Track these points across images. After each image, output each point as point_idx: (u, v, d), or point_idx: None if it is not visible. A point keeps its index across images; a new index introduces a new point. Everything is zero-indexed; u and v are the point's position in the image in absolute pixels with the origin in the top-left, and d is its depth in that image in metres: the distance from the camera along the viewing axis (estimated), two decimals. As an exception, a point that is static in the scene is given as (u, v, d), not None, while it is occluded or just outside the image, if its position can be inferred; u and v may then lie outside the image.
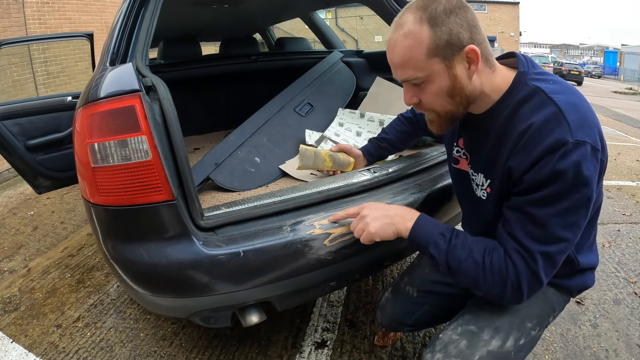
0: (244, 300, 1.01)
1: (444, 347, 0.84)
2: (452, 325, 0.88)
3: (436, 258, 0.81)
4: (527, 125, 0.70)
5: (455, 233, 0.81)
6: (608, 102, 12.58)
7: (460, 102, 0.76)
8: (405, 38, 0.71)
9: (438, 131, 0.84)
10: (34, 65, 4.78)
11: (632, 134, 6.59)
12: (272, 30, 3.88)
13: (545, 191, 0.68)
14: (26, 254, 2.31)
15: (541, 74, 0.76)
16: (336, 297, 1.72)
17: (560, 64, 24.12)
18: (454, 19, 0.69)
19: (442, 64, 0.72)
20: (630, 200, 2.87)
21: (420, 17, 0.70)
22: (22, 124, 1.94)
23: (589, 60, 48.14)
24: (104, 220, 0.94)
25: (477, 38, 0.71)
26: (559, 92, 0.71)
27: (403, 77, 0.76)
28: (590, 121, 0.68)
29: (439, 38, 0.69)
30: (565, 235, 0.70)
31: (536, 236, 0.70)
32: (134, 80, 0.91)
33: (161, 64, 2.18)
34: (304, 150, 1.26)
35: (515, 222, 0.73)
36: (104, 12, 5.97)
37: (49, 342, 1.55)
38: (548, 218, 0.69)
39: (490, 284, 0.75)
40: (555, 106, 0.69)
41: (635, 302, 1.66)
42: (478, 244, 0.78)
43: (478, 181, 0.86)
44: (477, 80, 0.75)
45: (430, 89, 0.75)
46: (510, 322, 0.85)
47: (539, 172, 0.67)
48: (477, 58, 0.71)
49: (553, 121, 0.68)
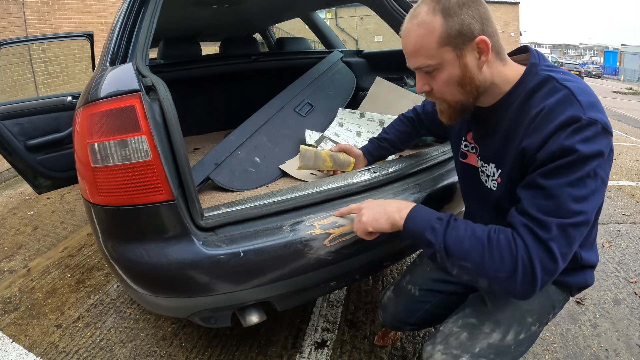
0: (243, 300, 1.01)
1: (444, 339, 0.85)
2: (453, 318, 0.89)
3: (433, 244, 0.76)
4: (539, 108, 0.71)
5: (453, 218, 0.78)
6: (608, 102, 12.59)
7: (470, 91, 0.77)
8: (419, 27, 0.74)
9: (448, 121, 0.84)
10: (34, 65, 4.78)
11: (632, 134, 6.59)
12: (272, 30, 3.88)
13: (556, 162, 0.67)
14: (26, 254, 2.31)
15: (551, 66, 0.77)
16: (336, 297, 1.72)
17: (560, 64, 24.15)
18: (466, 11, 0.72)
19: (452, 52, 0.74)
20: (630, 200, 2.87)
21: (434, 7, 0.73)
22: (22, 124, 1.94)
23: (589, 60, 48.15)
24: (104, 220, 0.94)
25: (488, 30, 0.73)
26: (570, 80, 0.73)
27: (415, 65, 0.78)
28: (599, 106, 0.70)
29: (451, 28, 0.72)
30: (578, 209, 0.67)
31: (548, 209, 0.68)
32: (134, 80, 0.91)
33: (161, 64, 2.18)
34: (304, 151, 1.26)
35: (526, 199, 0.71)
36: (104, 12, 5.98)
37: (49, 342, 1.55)
38: (559, 188, 0.67)
39: (498, 266, 0.69)
40: (567, 89, 0.70)
41: (635, 302, 1.66)
42: (481, 226, 0.75)
43: (489, 172, 0.86)
44: (487, 71, 0.76)
45: (441, 77, 0.77)
46: (511, 316, 0.86)
47: (551, 146, 0.68)
48: (487, 49, 0.73)
49: (566, 102, 0.69)
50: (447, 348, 0.83)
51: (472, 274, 0.73)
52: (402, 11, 1.71)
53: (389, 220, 0.84)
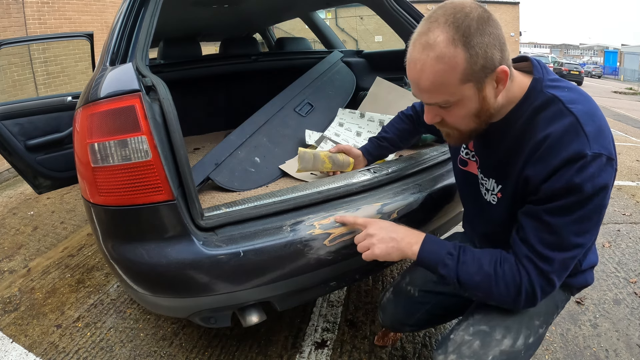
0: (244, 300, 1.01)
1: (457, 348, 0.84)
2: (462, 326, 0.88)
3: (447, 277, 0.81)
4: (544, 135, 0.70)
5: (462, 250, 0.82)
6: (608, 102, 12.59)
7: (484, 120, 0.76)
8: (437, 62, 0.66)
9: (456, 144, 0.86)
10: (34, 65, 4.78)
11: (632, 134, 6.59)
12: (272, 30, 3.88)
13: (562, 201, 0.69)
14: (26, 254, 2.31)
15: (555, 80, 0.75)
16: (336, 297, 1.72)
17: (560, 64, 24.11)
18: (487, 39, 0.65)
19: (474, 87, 0.69)
20: (630, 200, 2.87)
21: (454, 38, 0.64)
22: (22, 124, 1.94)
23: (589, 60, 48.14)
24: (104, 220, 0.94)
25: (506, 55, 0.69)
26: (576, 102, 0.71)
27: (431, 101, 0.73)
28: (605, 131, 0.69)
29: (475, 63, 0.65)
30: (579, 242, 0.72)
31: (551, 243, 0.72)
32: (134, 80, 0.91)
33: (161, 64, 2.18)
34: (303, 153, 1.26)
35: (530, 230, 0.74)
36: (104, 12, 5.98)
37: (49, 342, 1.55)
38: (563, 226, 0.70)
39: (504, 294, 0.77)
40: (573, 116, 0.69)
41: (635, 302, 1.66)
42: (486, 257, 0.79)
43: (488, 186, 0.86)
44: (501, 97, 0.73)
45: (458, 112, 0.73)
46: (519, 320, 0.86)
47: (557, 182, 0.68)
48: (506, 78, 0.69)
49: (572, 132, 0.68)
50: (460, 357, 0.83)
51: (481, 298, 0.83)
52: (402, 11, 1.71)
53: (401, 256, 0.87)
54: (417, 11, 1.67)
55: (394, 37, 1.84)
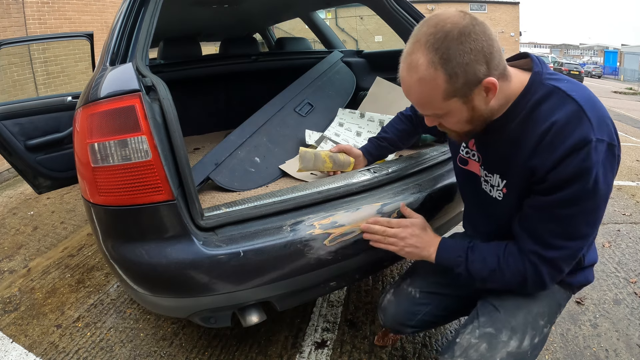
0: (244, 300, 1.01)
1: (464, 352, 0.84)
2: (468, 329, 0.88)
3: (462, 275, 0.88)
4: (549, 123, 0.71)
5: (470, 250, 0.88)
6: (608, 102, 12.58)
7: (480, 124, 0.79)
8: (420, 84, 0.70)
9: (458, 141, 0.93)
10: (34, 65, 4.78)
11: (632, 134, 6.59)
12: (272, 30, 3.88)
13: (569, 190, 0.70)
14: (26, 254, 2.31)
15: (554, 74, 0.76)
16: (336, 297, 1.72)
17: (560, 64, 24.14)
18: (467, 57, 0.66)
19: (460, 101, 0.72)
20: (630, 200, 2.87)
21: (432, 60, 0.67)
22: (22, 124, 1.94)
23: (589, 60, 48.14)
24: (104, 220, 0.94)
25: (492, 64, 0.69)
26: (576, 91, 0.72)
27: (423, 113, 0.79)
28: (607, 118, 0.71)
29: (455, 82, 0.68)
30: (586, 231, 0.74)
31: (559, 233, 0.74)
32: (134, 80, 0.91)
33: (161, 64, 2.18)
34: (304, 153, 1.26)
35: (537, 220, 0.75)
36: (104, 12, 5.98)
37: (49, 342, 1.55)
38: (572, 217, 0.72)
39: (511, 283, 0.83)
40: (576, 103, 0.70)
41: (635, 302, 1.66)
42: (490, 252, 0.85)
43: (493, 182, 0.86)
44: (495, 101, 0.75)
45: (451, 119, 0.77)
46: (524, 321, 0.86)
47: (564, 170, 0.69)
48: (494, 88, 0.70)
49: (575, 119, 0.69)
50: None
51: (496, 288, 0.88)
52: (402, 11, 1.70)
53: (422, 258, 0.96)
54: (417, 11, 1.67)
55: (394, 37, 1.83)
